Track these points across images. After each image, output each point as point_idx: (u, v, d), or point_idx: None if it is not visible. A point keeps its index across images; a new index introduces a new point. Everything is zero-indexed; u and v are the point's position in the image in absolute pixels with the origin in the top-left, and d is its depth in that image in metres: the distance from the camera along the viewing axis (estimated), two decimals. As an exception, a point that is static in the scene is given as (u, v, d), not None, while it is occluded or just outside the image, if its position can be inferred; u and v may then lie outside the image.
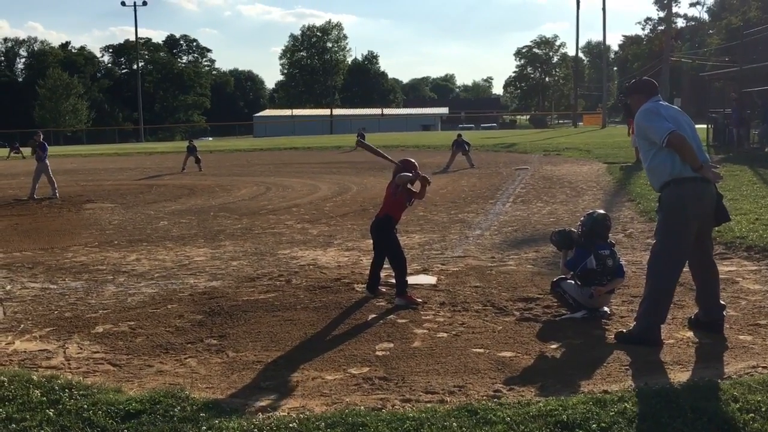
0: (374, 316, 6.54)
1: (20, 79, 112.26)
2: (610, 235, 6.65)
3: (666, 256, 5.50)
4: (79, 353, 5.73)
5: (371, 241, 7.49)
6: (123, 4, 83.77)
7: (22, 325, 6.53)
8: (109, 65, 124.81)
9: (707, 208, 5.54)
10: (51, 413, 4.22)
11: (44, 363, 5.50)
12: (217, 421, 4.06)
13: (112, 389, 4.65)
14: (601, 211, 6.75)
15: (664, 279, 5.50)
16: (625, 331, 5.66)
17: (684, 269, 5.66)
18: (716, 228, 9.46)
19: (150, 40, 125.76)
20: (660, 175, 5.52)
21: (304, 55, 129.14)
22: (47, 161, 19.16)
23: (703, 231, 5.66)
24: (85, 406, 4.31)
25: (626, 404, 4.11)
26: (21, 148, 44.38)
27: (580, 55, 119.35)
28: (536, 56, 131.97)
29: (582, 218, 6.63)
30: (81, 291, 7.92)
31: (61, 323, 6.57)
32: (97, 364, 5.45)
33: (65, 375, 5.05)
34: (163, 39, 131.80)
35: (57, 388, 4.61)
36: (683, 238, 5.50)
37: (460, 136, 27.29)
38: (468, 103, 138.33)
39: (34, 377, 4.86)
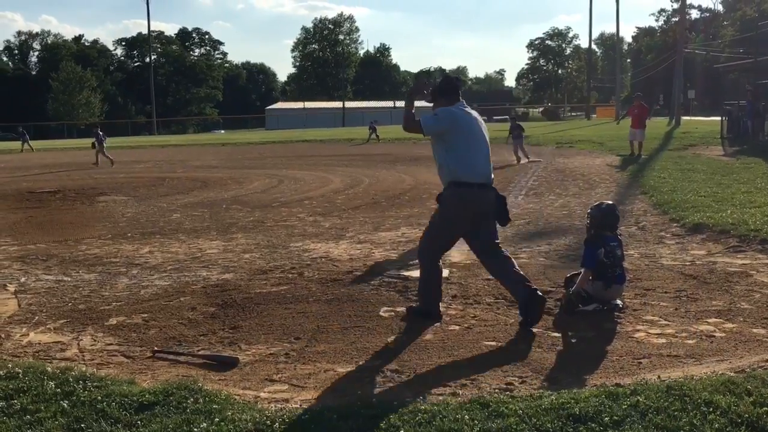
0: (386, 308, 6.55)
1: (34, 73, 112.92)
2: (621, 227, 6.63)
3: (430, 242, 6.23)
4: (92, 345, 5.76)
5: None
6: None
7: (36, 317, 6.58)
8: (122, 58, 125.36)
9: (480, 210, 6.04)
10: (65, 405, 4.24)
11: (58, 355, 5.53)
12: (229, 413, 4.07)
13: (126, 381, 4.67)
14: (608, 202, 6.78)
15: (428, 262, 6.22)
16: (414, 305, 6.34)
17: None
18: (730, 222, 9.54)
19: (163, 33, 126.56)
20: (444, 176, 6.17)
21: (316, 47, 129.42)
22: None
23: (480, 228, 6.10)
24: (99, 397, 4.33)
25: (639, 397, 4.09)
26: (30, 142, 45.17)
27: (594, 47, 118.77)
28: (549, 48, 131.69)
29: (589, 210, 6.60)
30: (95, 283, 7.96)
31: (75, 315, 6.60)
32: (110, 356, 5.48)
33: (79, 367, 5.07)
34: (176, 32, 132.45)
35: (71, 379, 4.63)
36: (446, 234, 6.20)
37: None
38: (480, 96, 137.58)
39: (49, 369, 4.88)
